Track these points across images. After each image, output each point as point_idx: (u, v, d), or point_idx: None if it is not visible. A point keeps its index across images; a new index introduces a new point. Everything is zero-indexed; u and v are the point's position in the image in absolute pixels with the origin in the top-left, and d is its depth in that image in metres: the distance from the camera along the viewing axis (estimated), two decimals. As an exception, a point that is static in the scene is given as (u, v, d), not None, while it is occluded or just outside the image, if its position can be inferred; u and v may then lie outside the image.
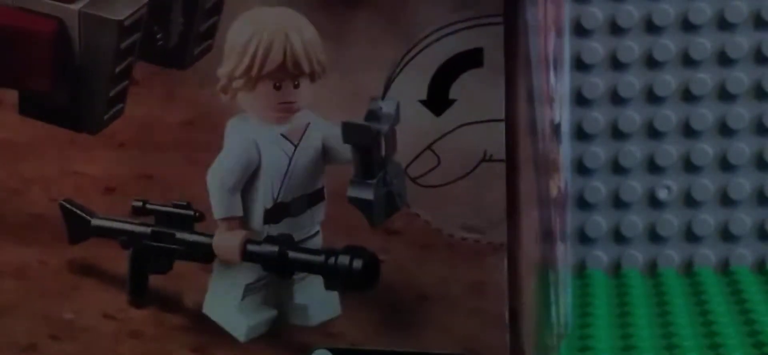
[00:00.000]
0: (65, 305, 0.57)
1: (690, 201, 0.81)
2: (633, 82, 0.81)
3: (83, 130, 0.56)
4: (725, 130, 0.80)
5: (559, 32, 0.65)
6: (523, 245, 0.51)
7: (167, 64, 0.55)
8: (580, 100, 0.81)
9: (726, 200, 0.81)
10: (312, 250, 0.54)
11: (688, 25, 0.80)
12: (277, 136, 0.54)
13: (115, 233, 0.56)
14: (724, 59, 0.80)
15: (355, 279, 0.53)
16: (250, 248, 0.54)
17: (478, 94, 0.51)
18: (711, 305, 0.74)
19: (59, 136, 0.56)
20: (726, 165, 0.81)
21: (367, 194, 0.52)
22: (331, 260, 0.53)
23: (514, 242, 0.51)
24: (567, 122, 0.73)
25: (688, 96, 0.81)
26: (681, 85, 0.81)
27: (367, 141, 0.52)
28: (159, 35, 0.55)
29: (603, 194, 0.82)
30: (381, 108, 0.52)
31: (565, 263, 0.70)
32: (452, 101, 0.51)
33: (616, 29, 0.81)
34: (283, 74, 0.53)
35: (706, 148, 0.81)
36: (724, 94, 0.80)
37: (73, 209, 0.57)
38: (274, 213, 0.55)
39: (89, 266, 0.57)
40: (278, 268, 0.54)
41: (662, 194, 0.81)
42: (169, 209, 0.55)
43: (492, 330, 0.52)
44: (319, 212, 0.55)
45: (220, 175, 0.54)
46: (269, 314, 0.56)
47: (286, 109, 0.54)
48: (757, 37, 0.80)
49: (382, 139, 0.52)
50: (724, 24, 0.80)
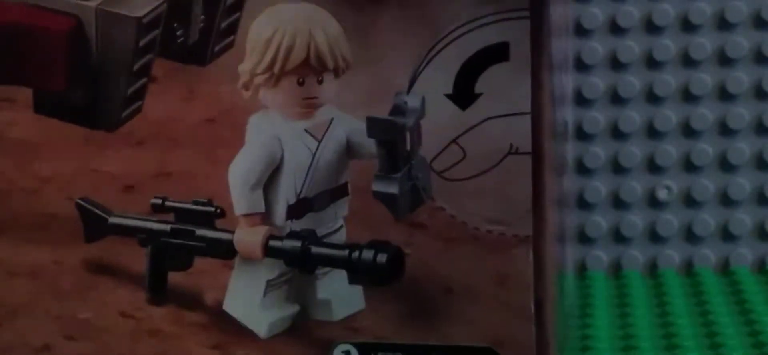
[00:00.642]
0: (81, 304, 0.58)
1: (690, 201, 0.83)
2: (633, 82, 0.82)
3: (100, 128, 0.57)
4: (725, 130, 0.82)
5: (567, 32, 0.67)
6: (548, 237, 0.53)
7: (187, 61, 0.56)
8: (580, 100, 0.82)
9: (726, 200, 0.82)
10: (335, 245, 0.56)
11: (688, 25, 0.82)
12: (300, 131, 0.56)
13: (134, 230, 0.58)
14: (724, 59, 0.81)
15: (380, 273, 0.54)
16: (273, 243, 0.56)
17: (504, 88, 0.53)
18: (711, 305, 0.76)
19: (75, 134, 0.57)
20: (726, 165, 0.82)
21: (392, 188, 0.54)
22: (355, 254, 0.55)
23: (539, 234, 0.53)
24: (570, 122, 0.75)
25: (688, 96, 0.82)
26: (681, 85, 0.82)
27: (392, 136, 0.54)
28: (179, 32, 0.56)
29: (603, 194, 0.83)
30: (406, 102, 0.54)
31: (566, 263, 0.72)
32: (478, 95, 0.53)
33: (616, 29, 0.82)
34: (307, 70, 0.55)
35: (706, 148, 0.82)
36: (724, 94, 0.82)
37: (90, 207, 0.58)
38: (297, 208, 0.56)
39: (106, 264, 0.58)
40: (301, 263, 0.56)
41: (662, 194, 0.83)
42: (190, 205, 0.57)
43: (518, 322, 0.54)
44: (343, 207, 0.56)
45: (241, 172, 0.56)
46: (291, 309, 0.57)
47: (310, 105, 0.55)
48: (757, 37, 0.81)
49: (407, 134, 0.53)
50: (724, 24, 0.81)
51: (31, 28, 0.57)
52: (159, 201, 0.57)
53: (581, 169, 0.83)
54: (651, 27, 0.82)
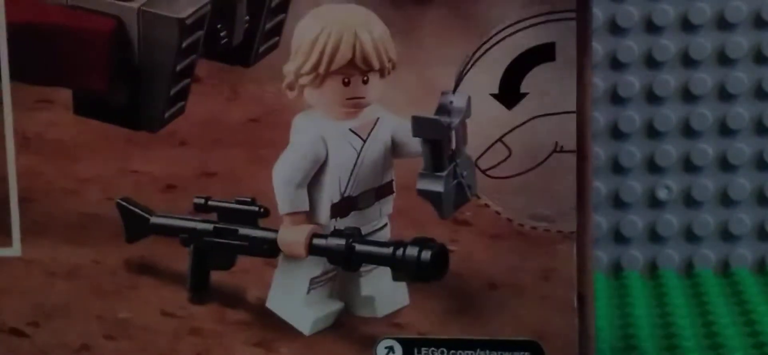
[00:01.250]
0: (121, 304, 0.59)
1: (690, 201, 0.84)
2: (633, 82, 0.83)
3: (142, 129, 0.58)
4: (725, 130, 0.83)
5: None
6: (590, 233, 0.55)
7: (231, 62, 0.58)
8: (580, 100, 0.84)
9: (726, 200, 0.83)
10: (379, 242, 0.57)
11: (688, 25, 0.82)
12: (345, 131, 0.57)
13: (176, 230, 0.59)
14: (724, 59, 0.82)
15: (424, 270, 0.56)
16: (316, 242, 0.57)
17: (550, 87, 0.55)
18: (711, 306, 0.77)
19: (116, 135, 0.58)
20: (726, 165, 0.83)
21: (437, 186, 0.56)
22: (399, 251, 0.56)
23: (583, 230, 0.55)
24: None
25: (688, 96, 0.83)
26: (681, 85, 0.83)
27: (437, 135, 0.55)
28: (223, 33, 0.57)
29: (603, 193, 0.84)
30: (452, 102, 0.55)
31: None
32: (524, 95, 0.55)
33: (615, 29, 0.83)
34: (352, 71, 0.56)
35: (706, 148, 0.83)
36: (724, 94, 0.83)
37: (131, 207, 0.59)
38: (342, 207, 0.58)
39: (147, 264, 0.59)
40: (345, 261, 0.57)
41: (662, 194, 0.83)
42: (233, 205, 0.58)
43: (561, 316, 0.56)
44: (388, 205, 0.58)
45: (286, 171, 0.57)
46: (335, 306, 0.59)
47: (355, 105, 0.57)
48: (757, 37, 0.82)
49: (453, 133, 0.55)
50: (724, 24, 0.82)
51: (73, 29, 0.58)
52: (202, 201, 0.58)
53: (582, 169, 0.84)
54: (651, 27, 0.83)
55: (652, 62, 0.84)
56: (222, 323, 0.59)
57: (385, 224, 0.58)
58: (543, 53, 0.55)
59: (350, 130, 0.57)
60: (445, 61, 0.56)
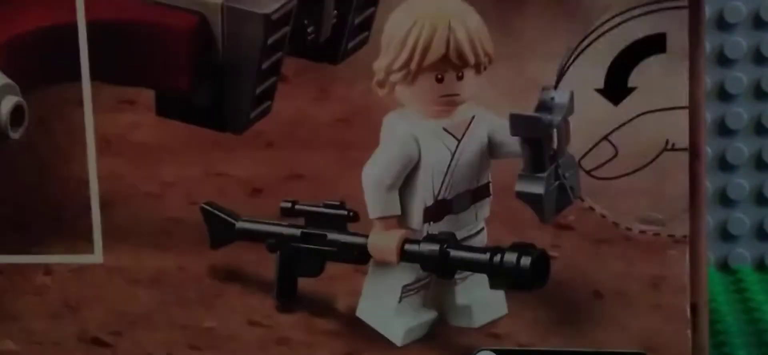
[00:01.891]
0: (206, 312, 0.58)
1: None
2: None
3: (227, 130, 0.57)
4: (725, 130, 0.81)
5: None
6: (704, 237, 0.52)
7: (319, 59, 0.56)
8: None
9: (725, 200, 0.82)
10: (476, 248, 0.55)
11: None
12: (439, 130, 0.55)
13: (263, 235, 0.57)
14: (724, 59, 0.81)
15: (523, 278, 0.54)
16: (409, 247, 0.56)
17: (660, 81, 0.52)
18: (713, 304, 0.74)
19: (200, 136, 0.57)
20: (726, 165, 0.81)
21: (537, 188, 0.54)
22: (497, 258, 0.54)
23: (696, 234, 0.52)
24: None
25: None
26: None
27: (537, 133, 0.53)
28: (310, 29, 0.56)
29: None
30: (553, 98, 0.53)
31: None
32: (632, 89, 0.53)
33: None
34: (446, 66, 0.54)
35: (706, 148, 0.82)
36: (724, 94, 0.81)
37: (216, 211, 0.58)
38: (435, 211, 0.56)
39: (232, 271, 0.58)
40: (439, 268, 0.55)
41: None
42: (321, 209, 0.57)
43: (673, 327, 0.53)
44: (484, 209, 0.56)
45: (376, 173, 0.55)
46: (428, 316, 0.57)
47: (449, 103, 0.55)
48: (757, 37, 0.80)
49: (554, 132, 0.53)
50: (724, 24, 0.80)
51: (153, 26, 0.57)
52: (289, 204, 0.57)
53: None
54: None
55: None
56: (310, 332, 0.58)
57: (482, 229, 0.57)
58: (652, 45, 0.52)
59: (444, 129, 0.56)
60: (545, 55, 0.54)
